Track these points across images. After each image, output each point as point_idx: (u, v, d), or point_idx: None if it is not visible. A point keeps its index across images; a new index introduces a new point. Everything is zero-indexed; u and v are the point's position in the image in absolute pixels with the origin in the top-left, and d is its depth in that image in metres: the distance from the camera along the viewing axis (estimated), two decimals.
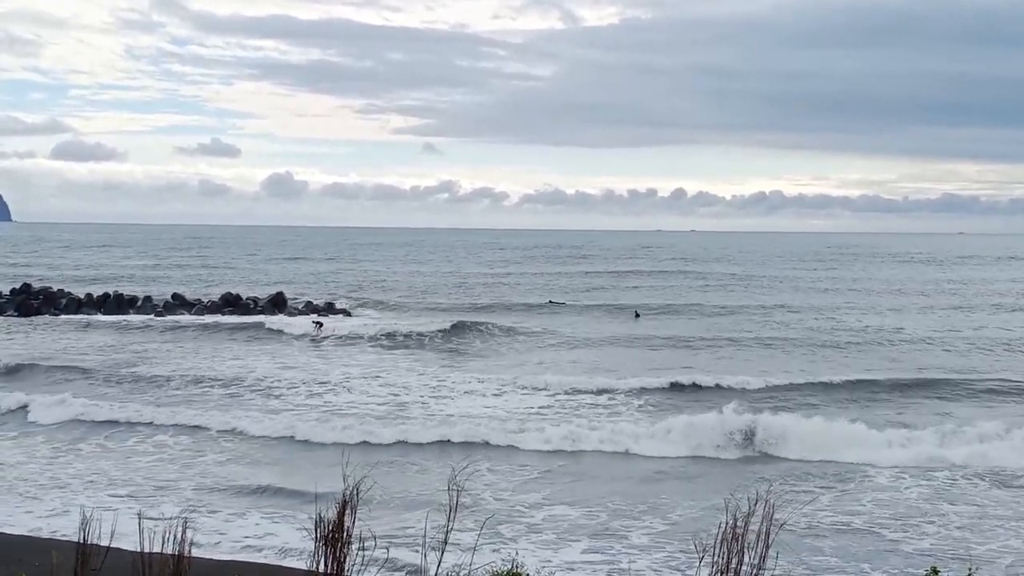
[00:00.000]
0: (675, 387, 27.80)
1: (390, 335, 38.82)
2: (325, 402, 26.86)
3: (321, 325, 40.86)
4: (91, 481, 18.70)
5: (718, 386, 27.94)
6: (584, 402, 26.36)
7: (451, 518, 7.30)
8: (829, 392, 27.91)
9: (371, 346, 37.58)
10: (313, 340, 39.11)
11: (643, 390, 27.48)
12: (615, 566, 14.21)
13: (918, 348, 37.91)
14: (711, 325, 44.55)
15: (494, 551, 14.11)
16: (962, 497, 18.03)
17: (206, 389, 28.48)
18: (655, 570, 14.21)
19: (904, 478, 19.34)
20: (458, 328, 40.25)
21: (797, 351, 36.75)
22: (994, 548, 15.15)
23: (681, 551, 14.65)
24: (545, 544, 15.34)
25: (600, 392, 27.38)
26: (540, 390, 27.51)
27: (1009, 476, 19.38)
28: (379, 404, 26.36)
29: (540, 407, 25.68)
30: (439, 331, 39.54)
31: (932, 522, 16.45)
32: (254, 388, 28.59)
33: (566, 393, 27.17)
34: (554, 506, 17.46)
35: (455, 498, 7.24)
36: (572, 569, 14.20)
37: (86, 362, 32.73)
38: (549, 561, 14.30)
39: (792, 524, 14.26)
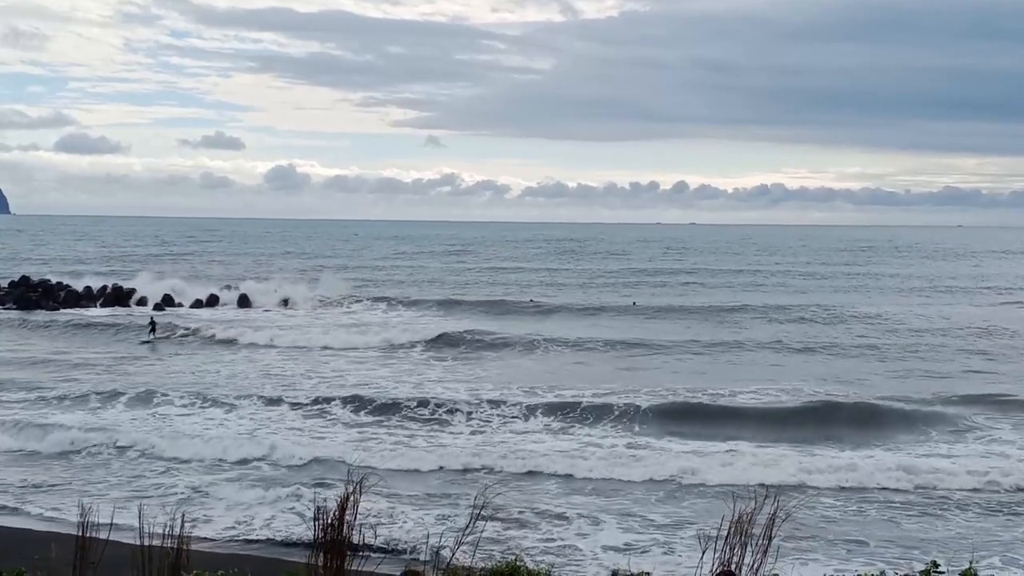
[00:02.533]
0: (682, 407, 25.18)
1: (391, 346, 36.86)
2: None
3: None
4: None
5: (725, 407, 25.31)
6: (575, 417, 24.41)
7: (472, 523, 7.28)
8: None
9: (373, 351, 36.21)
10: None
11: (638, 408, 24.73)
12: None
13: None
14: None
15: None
16: None
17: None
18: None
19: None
20: (445, 336, 38.06)
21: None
22: None
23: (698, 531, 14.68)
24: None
25: (594, 407, 24.87)
26: (535, 408, 25.00)
27: None
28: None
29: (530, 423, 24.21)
30: (428, 338, 37.68)
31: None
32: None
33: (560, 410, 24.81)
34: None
35: (481, 502, 7.28)
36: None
37: None
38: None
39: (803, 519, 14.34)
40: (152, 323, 39.39)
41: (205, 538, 14.63)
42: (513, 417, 24.28)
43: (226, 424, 23.47)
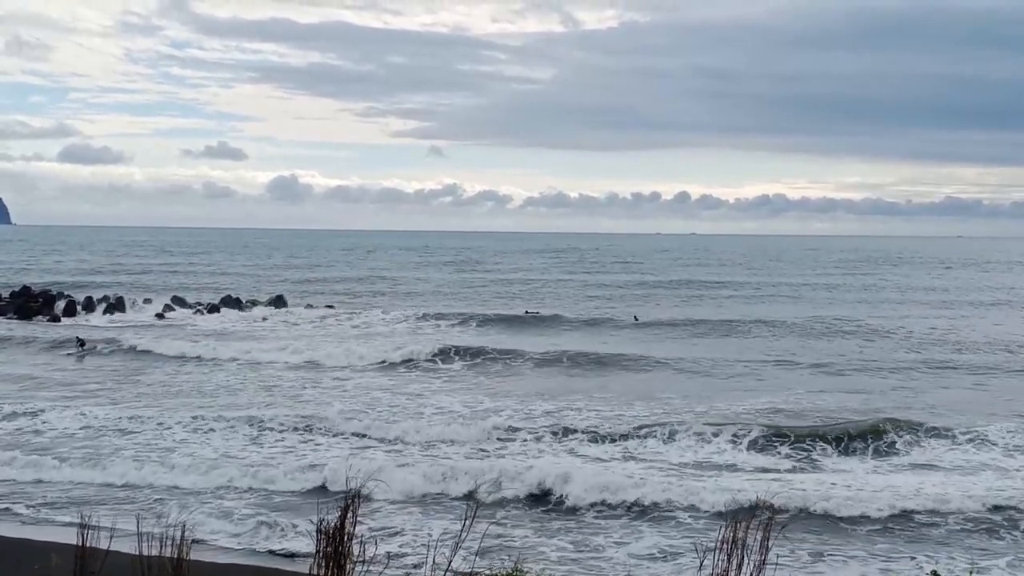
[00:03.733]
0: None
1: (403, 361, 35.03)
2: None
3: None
4: None
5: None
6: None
7: (467, 525, 7.28)
8: None
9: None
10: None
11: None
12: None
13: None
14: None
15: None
16: None
17: None
18: None
19: None
20: (447, 349, 36.57)
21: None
22: None
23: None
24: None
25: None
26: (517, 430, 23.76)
27: None
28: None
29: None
30: (434, 350, 36.23)
31: None
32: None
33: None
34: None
35: (474, 508, 7.26)
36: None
37: None
38: None
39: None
40: (79, 340, 38.77)
41: (205, 542, 14.60)
42: (514, 430, 23.70)
43: (191, 442, 23.16)
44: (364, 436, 23.10)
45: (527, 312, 51.87)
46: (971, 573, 8.79)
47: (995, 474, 20.00)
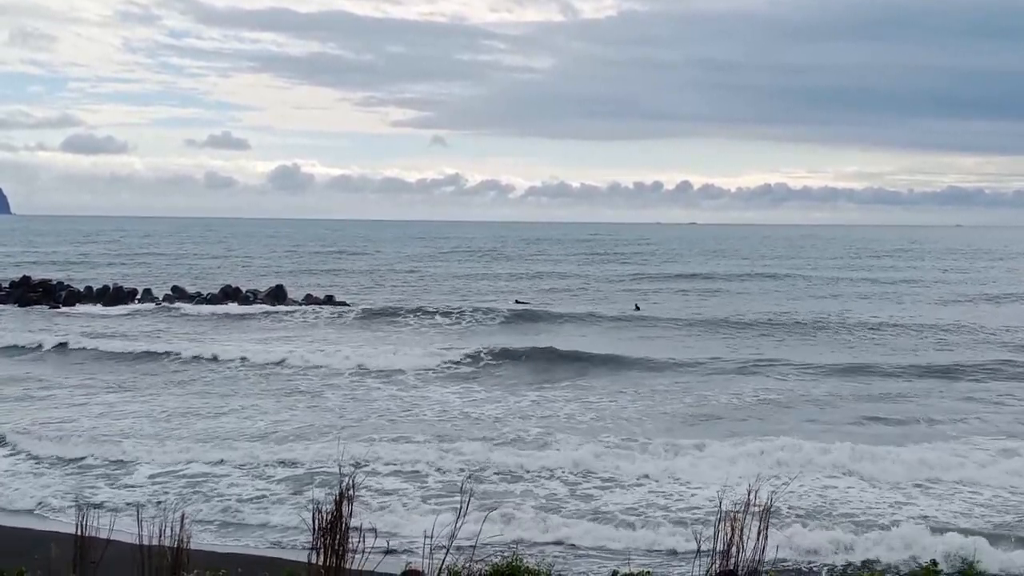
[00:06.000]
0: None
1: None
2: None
3: None
4: None
5: None
6: None
7: (462, 513, 7.31)
8: None
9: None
10: None
11: None
12: None
13: None
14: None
15: None
16: None
17: None
18: None
19: None
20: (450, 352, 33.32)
21: None
22: None
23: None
24: None
25: None
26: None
27: None
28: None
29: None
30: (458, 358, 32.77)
31: None
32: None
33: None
34: None
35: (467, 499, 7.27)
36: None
37: None
38: None
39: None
40: None
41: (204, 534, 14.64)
42: (516, 433, 22.42)
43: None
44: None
45: (517, 302, 51.13)
46: (971, 565, 8.81)
47: None
